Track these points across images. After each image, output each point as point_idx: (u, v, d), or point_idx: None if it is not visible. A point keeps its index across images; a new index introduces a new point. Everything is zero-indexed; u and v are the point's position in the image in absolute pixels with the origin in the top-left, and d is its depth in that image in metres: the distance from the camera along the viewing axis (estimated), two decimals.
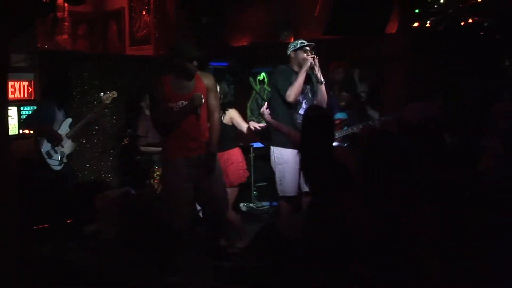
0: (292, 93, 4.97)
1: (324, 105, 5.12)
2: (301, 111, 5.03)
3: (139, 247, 5.53)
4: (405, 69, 6.89)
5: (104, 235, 5.97)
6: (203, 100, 4.64)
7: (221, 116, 5.36)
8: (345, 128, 5.77)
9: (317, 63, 5.02)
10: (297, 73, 5.07)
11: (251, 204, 7.51)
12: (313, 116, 4.04)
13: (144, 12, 9.01)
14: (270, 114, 5.17)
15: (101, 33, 9.59)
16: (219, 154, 5.07)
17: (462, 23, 6.23)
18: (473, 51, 6.26)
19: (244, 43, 8.49)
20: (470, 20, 6.16)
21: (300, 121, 4.71)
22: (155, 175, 6.45)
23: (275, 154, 5.19)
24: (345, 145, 5.74)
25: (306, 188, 5.00)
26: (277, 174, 5.19)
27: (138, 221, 5.87)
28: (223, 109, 5.46)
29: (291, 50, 5.18)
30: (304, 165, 4.18)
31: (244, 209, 7.13)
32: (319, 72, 5.04)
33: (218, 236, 5.18)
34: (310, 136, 3.96)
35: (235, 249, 5.29)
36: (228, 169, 5.52)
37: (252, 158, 7.25)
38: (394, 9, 6.72)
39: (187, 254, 5.17)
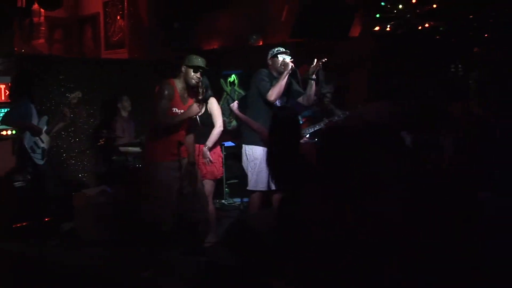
0: (273, 93, 5.24)
1: (311, 100, 5.49)
2: None
3: (116, 245, 5.68)
4: (367, 71, 7.13)
5: (81, 233, 6.07)
6: (199, 111, 4.91)
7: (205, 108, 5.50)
8: (312, 125, 5.99)
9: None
10: (275, 77, 5.36)
11: (223, 201, 7.68)
12: (281, 115, 4.23)
13: (118, 17, 9.15)
14: (238, 109, 5.44)
15: (77, 37, 9.69)
16: (200, 146, 5.42)
17: (419, 28, 6.46)
18: (430, 54, 6.53)
19: (215, 47, 8.68)
20: (426, 25, 6.40)
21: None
22: (131, 175, 6.63)
23: (247, 152, 5.43)
24: (313, 141, 5.95)
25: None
26: (250, 171, 5.41)
27: (114, 219, 6.00)
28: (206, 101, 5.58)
29: (268, 57, 5.48)
30: (271, 162, 4.40)
31: (216, 205, 7.27)
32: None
33: (198, 233, 5.31)
34: (277, 135, 4.13)
35: (208, 244, 5.43)
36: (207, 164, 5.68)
37: (223, 157, 7.41)
38: (357, 14, 6.97)
39: (162, 250, 5.31)
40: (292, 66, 5.29)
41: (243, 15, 8.36)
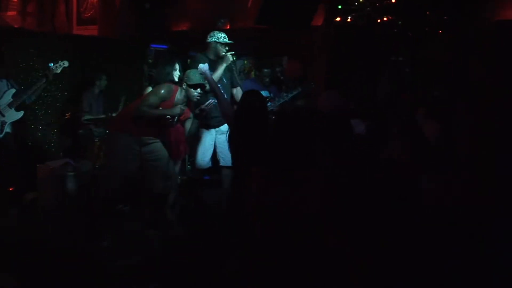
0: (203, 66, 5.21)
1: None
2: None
3: (76, 216, 5.72)
4: (327, 60, 7.21)
5: (43, 204, 6.07)
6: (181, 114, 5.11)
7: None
8: (269, 104, 6.02)
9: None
10: (212, 61, 5.42)
11: (184, 177, 7.73)
12: (249, 101, 4.30)
13: None
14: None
15: (50, 12, 9.53)
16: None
17: (379, 21, 6.55)
18: (387, 46, 6.64)
19: (184, 28, 8.65)
20: (385, 18, 6.49)
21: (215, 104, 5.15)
22: (95, 148, 6.67)
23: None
24: None
25: (224, 163, 5.41)
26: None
27: (76, 190, 6.03)
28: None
29: (212, 40, 5.53)
30: (234, 144, 4.48)
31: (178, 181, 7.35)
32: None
33: (158, 207, 5.45)
34: (244, 119, 4.21)
35: (166, 219, 5.51)
36: (174, 143, 5.82)
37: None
38: (320, 4, 7.03)
39: (120, 222, 5.46)
40: (231, 59, 5.41)
41: None
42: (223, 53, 5.47)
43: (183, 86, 5.03)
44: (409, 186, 3.25)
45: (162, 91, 4.97)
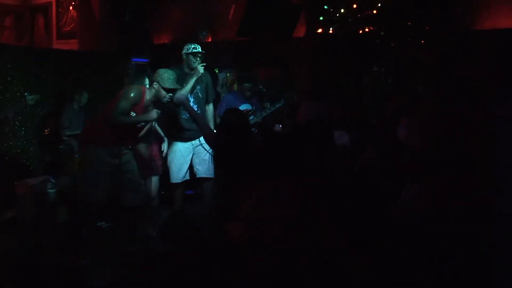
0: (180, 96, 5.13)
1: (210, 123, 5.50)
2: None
3: (55, 232, 5.60)
4: (310, 71, 7.17)
5: (21, 221, 5.93)
6: (157, 118, 4.89)
7: None
8: (251, 117, 5.95)
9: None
10: (186, 74, 5.34)
11: (162, 192, 7.59)
12: (230, 119, 4.11)
13: (71, 8, 8.94)
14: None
15: (28, 26, 9.41)
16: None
17: (360, 31, 6.52)
18: (369, 56, 6.61)
19: (166, 41, 8.57)
20: (366, 29, 6.47)
21: (187, 118, 5.22)
22: (76, 164, 6.52)
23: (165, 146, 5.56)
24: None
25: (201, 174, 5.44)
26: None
27: (54, 207, 5.96)
28: None
29: (183, 52, 5.43)
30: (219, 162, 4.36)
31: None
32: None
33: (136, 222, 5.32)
34: (226, 138, 4.03)
35: (146, 234, 5.40)
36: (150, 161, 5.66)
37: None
38: (302, 15, 6.98)
39: (99, 238, 5.29)
40: (201, 71, 5.29)
41: (195, 11, 8.30)
42: (194, 65, 5.34)
43: (154, 85, 4.82)
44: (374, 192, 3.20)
45: (132, 94, 4.72)
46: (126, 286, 4.35)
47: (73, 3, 8.82)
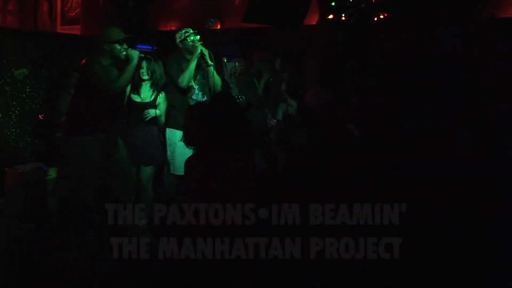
0: (184, 79, 5.06)
1: (218, 88, 5.25)
2: (194, 96, 5.20)
3: (43, 223, 5.40)
4: (322, 59, 6.81)
5: (9, 210, 5.69)
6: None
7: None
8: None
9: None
10: (188, 60, 5.13)
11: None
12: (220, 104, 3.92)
13: None
14: None
15: (32, 10, 9.14)
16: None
17: (375, 18, 6.14)
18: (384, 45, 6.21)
19: (173, 28, 8.25)
20: (381, 16, 6.09)
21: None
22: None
23: (167, 135, 5.27)
24: None
25: None
26: (168, 154, 5.28)
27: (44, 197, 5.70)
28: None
29: (177, 40, 5.23)
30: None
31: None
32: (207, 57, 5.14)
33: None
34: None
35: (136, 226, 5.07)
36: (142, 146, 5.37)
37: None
38: (313, 1, 6.60)
39: (88, 231, 4.97)
40: (200, 49, 5.08)
41: None
42: (191, 43, 5.11)
43: (105, 47, 4.52)
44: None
45: (97, 66, 4.47)
46: (114, 279, 4.13)
47: None
